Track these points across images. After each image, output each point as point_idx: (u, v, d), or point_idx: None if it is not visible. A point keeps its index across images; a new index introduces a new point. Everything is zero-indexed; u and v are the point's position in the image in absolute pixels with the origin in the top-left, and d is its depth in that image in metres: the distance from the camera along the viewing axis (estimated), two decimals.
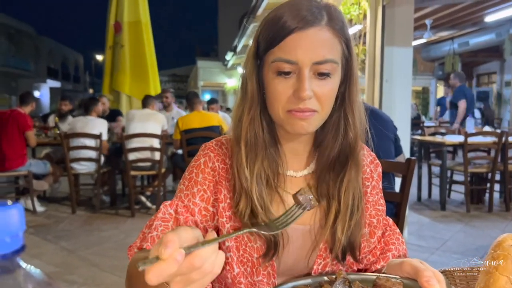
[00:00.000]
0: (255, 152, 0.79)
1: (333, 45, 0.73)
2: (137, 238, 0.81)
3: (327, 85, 0.73)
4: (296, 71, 0.72)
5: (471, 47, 10.90)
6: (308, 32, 0.71)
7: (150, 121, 4.75)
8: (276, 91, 0.73)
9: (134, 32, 6.02)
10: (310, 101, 0.72)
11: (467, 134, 4.58)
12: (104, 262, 3.30)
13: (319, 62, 0.71)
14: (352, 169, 0.81)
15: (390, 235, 0.90)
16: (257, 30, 0.77)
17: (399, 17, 3.75)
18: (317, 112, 0.74)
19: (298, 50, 0.71)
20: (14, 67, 25.30)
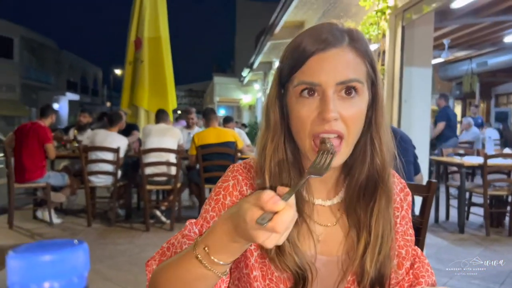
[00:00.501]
0: (280, 182, 0.75)
1: (356, 65, 0.72)
2: (155, 253, 0.80)
3: (353, 106, 0.71)
4: (320, 92, 0.70)
5: (489, 67, 10.78)
6: (330, 53, 0.70)
7: (167, 136, 4.80)
8: (300, 114, 0.71)
9: (154, 47, 6.13)
10: (336, 122, 0.69)
11: (487, 156, 4.50)
12: (118, 276, 3.30)
13: (343, 82, 0.69)
14: (382, 198, 0.78)
15: (420, 267, 0.87)
16: (281, 58, 0.77)
17: (418, 38, 3.75)
18: (343, 140, 0.71)
19: (320, 72, 0.69)
20: (35, 80, 25.98)
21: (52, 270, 0.26)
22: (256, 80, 15.74)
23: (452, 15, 5.32)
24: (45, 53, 27.48)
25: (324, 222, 0.82)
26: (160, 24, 6.18)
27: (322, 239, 0.81)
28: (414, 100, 3.77)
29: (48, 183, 4.68)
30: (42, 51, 27.17)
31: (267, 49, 10.18)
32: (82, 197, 5.06)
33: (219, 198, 0.81)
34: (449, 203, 5.28)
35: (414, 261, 0.87)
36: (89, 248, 1.15)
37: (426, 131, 3.90)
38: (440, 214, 5.24)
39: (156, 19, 6.18)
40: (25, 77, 24.66)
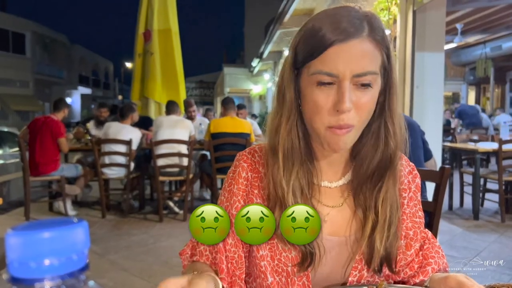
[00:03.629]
0: (292, 163, 0.78)
1: (374, 56, 0.73)
2: (185, 246, 0.87)
3: (366, 95, 0.73)
4: (336, 82, 0.71)
5: (504, 51, 10.56)
6: (349, 44, 0.70)
7: (178, 127, 4.82)
8: (316, 102, 0.73)
9: (164, 39, 6.14)
10: (349, 114, 0.72)
11: (502, 141, 4.43)
12: (134, 266, 3.35)
13: (360, 74, 0.71)
14: (390, 180, 0.79)
15: (429, 248, 0.87)
16: (295, 39, 0.76)
17: (430, 22, 3.69)
18: (353, 127, 0.74)
19: (339, 63, 0.70)
20: (47, 75, 26.24)
21: (51, 247, 0.26)
22: (266, 70, 15.66)
23: None
24: (56, 47, 27.69)
25: (330, 203, 0.84)
26: (169, 16, 6.18)
27: (329, 219, 0.82)
28: (426, 86, 3.71)
29: (63, 176, 4.75)
30: (54, 46, 27.39)
31: (276, 38, 10.10)
32: (96, 189, 5.13)
33: (231, 188, 0.85)
34: (463, 190, 5.22)
35: (424, 242, 0.88)
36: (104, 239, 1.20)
37: (439, 117, 3.84)
38: (454, 201, 5.19)
39: (166, 11, 6.17)
40: (37, 72, 24.92)
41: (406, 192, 0.87)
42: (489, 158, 6.71)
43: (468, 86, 15.29)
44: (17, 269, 0.26)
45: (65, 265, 0.27)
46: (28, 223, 0.28)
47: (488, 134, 6.38)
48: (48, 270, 0.27)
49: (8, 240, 0.25)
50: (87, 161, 5.41)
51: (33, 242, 0.26)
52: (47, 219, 0.30)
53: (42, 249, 0.26)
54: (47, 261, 0.26)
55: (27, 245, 0.26)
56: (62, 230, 0.27)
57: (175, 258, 3.46)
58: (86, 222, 0.29)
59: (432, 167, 2.39)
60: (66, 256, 0.27)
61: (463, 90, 15.47)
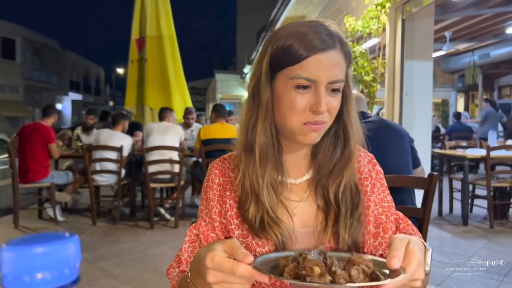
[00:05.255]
0: (266, 159, 0.85)
1: (343, 66, 0.82)
2: (172, 262, 0.92)
3: (336, 100, 0.83)
4: (313, 87, 0.79)
5: (492, 59, 10.72)
6: (328, 54, 0.79)
7: (169, 134, 4.81)
8: (294, 103, 0.80)
9: (156, 46, 6.12)
10: (324, 114, 0.81)
11: (490, 148, 4.49)
12: (124, 274, 3.33)
13: (333, 81, 0.80)
14: (348, 173, 0.88)
15: (405, 226, 0.92)
16: (270, 47, 0.83)
17: (419, 31, 3.74)
18: (325, 124, 0.83)
19: (318, 70, 0.78)
20: (38, 81, 26.01)
21: (44, 261, 0.27)
22: None
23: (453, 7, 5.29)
24: (47, 53, 27.49)
25: (297, 198, 0.91)
26: (163, 22, 6.16)
27: (297, 212, 0.89)
28: (416, 93, 3.76)
29: (53, 182, 4.71)
30: (45, 51, 27.19)
31: None
32: (87, 196, 5.09)
33: (207, 196, 0.92)
34: (453, 196, 5.28)
35: (398, 223, 0.93)
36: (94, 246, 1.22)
37: (428, 124, 3.89)
38: (443, 207, 5.24)
39: (158, 17, 6.16)
40: (28, 78, 24.70)
41: (368, 180, 0.94)
42: (477, 164, 6.80)
43: (457, 93, 15.47)
44: (11, 283, 0.27)
45: (57, 279, 0.28)
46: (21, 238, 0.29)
47: (477, 141, 6.46)
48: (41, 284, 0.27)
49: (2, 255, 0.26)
50: (77, 167, 5.38)
51: (26, 257, 0.27)
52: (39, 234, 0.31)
53: (35, 263, 0.27)
54: (40, 275, 0.27)
55: (20, 260, 0.27)
56: (55, 245, 0.28)
57: (166, 265, 3.43)
58: (77, 237, 0.30)
59: (420, 175, 2.42)
60: (58, 270, 0.28)
61: (452, 97, 15.65)
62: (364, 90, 4.36)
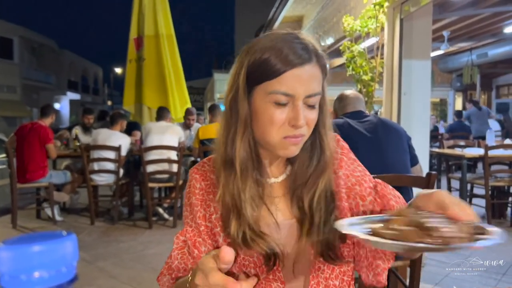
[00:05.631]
0: (247, 173, 0.85)
1: (319, 79, 0.83)
2: (163, 269, 0.93)
3: (314, 113, 0.83)
4: (291, 102, 0.80)
5: (490, 58, 10.75)
6: (304, 68, 0.79)
7: (167, 134, 4.81)
8: (272, 118, 0.80)
9: (154, 45, 6.11)
10: (303, 127, 0.81)
11: (488, 147, 4.50)
12: (122, 273, 3.33)
13: (310, 95, 0.80)
14: (323, 182, 0.88)
15: (383, 188, 0.92)
16: (247, 59, 0.82)
17: (417, 30, 3.74)
18: (304, 136, 0.84)
19: (296, 85, 0.79)
20: (36, 80, 25.96)
21: (41, 260, 0.27)
22: None
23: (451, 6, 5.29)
24: (45, 53, 27.44)
25: (279, 193, 0.93)
26: (161, 21, 6.15)
27: (280, 206, 0.91)
28: (414, 92, 3.76)
29: (51, 182, 4.70)
30: (42, 51, 27.14)
31: None
32: (85, 196, 5.09)
33: (190, 201, 0.93)
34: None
35: (375, 186, 0.93)
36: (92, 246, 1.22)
37: (426, 123, 3.89)
38: None
39: (156, 16, 6.15)
40: (25, 78, 24.65)
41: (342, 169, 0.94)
42: (476, 163, 6.82)
43: (455, 93, 15.51)
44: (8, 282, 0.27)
45: (55, 278, 0.28)
46: (18, 237, 0.29)
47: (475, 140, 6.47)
48: (38, 283, 0.27)
49: None
50: (76, 167, 5.37)
51: (23, 256, 0.27)
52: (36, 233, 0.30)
53: (33, 262, 0.27)
54: (37, 274, 0.27)
55: (18, 258, 0.27)
56: (52, 243, 0.28)
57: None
58: (74, 235, 0.30)
59: (418, 173, 2.42)
60: (55, 269, 0.28)
61: (450, 97, 15.69)
62: (362, 89, 4.37)
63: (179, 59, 6.31)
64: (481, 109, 8.87)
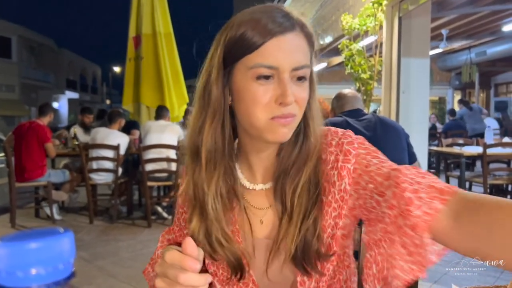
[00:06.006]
0: (214, 165, 0.76)
1: (306, 51, 0.73)
2: (148, 265, 0.91)
3: (303, 89, 0.73)
4: (276, 76, 0.70)
5: (488, 56, 10.76)
6: (286, 37, 0.70)
7: (166, 132, 4.80)
8: (255, 97, 0.70)
9: (152, 44, 6.09)
10: (292, 106, 0.71)
11: (486, 145, 4.51)
12: (121, 272, 3.33)
13: (297, 67, 0.70)
14: (307, 172, 0.76)
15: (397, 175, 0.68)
16: (223, 36, 0.73)
17: (415, 28, 3.74)
18: (296, 116, 0.73)
19: (278, 55, 0.69)
20: (34, 79, 25.95)
21: (38, 257, 0.27)
22: None
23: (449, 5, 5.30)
24: (43, 52, 27.41)
25: (265, 204, 0.82)
26: (159, 20, 6.14)
27: (265, 221, 0.81)
28: (412, 91, 3.76)
29: (49, 181, 4.70)
30: (41, 50, 27.11)
31: None
32: (84, 195, 5.08)
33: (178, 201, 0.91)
34: None
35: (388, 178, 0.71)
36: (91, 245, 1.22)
37: (425, 121, 3.90)
38: None
39: (154, 15, 6.14)
40: (24, 77, 24.63)
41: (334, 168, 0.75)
42: (474, 162, 6.82)
43: (454, 91, 15.52)
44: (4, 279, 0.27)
45: (52, 274, 0.28)
46: (15, 234, 0.29)
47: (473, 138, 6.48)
48: (35, 279, 0.27)
49: None
50: (74, 166, 5.37)
51: (20, 253, 0.27)
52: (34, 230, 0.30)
53: (29, 259, 0.27)
54: (34, 271, 0.27)
55: (14, 255, 0.27)
56: (49, 240, 0.28)
57: None
58: (72, 232, 0.30)
59: None
60: (52, 266, 0.28)
61: (449, 95, 15.71)
62: (361, 88, 4.37)
63: (177, 58, 6.29)
64: (472, 108, 8.89)
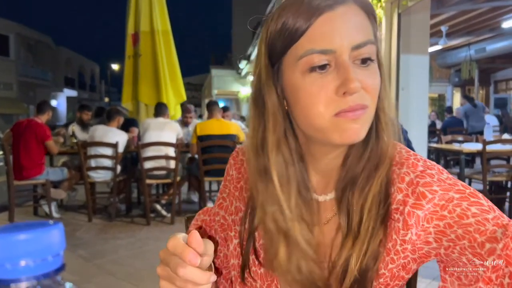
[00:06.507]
0: (288, 183, 0.63)
1: (366, 24, 0.60)
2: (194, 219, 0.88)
3: (371, 73, 0.59)
4: (333, 62, 0.57)
5: (488, 53, 10.77)
6: (337, 11, 0.57)
7: (165, 130, 4.79)
8: (312, 91, 0.58)
9: (150, 41, 6.08)
10: (359, 95, 0.57)
11: (486, 142, 4.50)
12: (120, 270, 3.32)
13: (359, 45, 0.57)
14: (379, 179, 0.63)
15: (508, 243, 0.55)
16: (265, 30, 0.63)
17: (415, 25, 3.73)
18: (368, 107, 0.59)
19: (332, 34, 0.56)
20: (32, 77, 25.91)
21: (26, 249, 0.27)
22: None
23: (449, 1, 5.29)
24: (41, 49, 27.37)
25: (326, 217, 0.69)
26: (157, 17, 6.13)
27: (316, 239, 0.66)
28: (412, 88, 3.76)
29: (48, 179, 4.68)
30: (39, 47, 27.06)
31: None
32: (82, 193, 5.07)
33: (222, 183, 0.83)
34: None
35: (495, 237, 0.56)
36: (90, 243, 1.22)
37: (424, 118, 3.90)
38: None
39: (152, 12, 6.13)
40: (22, 75, 24.60)
41: (398, 212, 0.62)
42: (474, 158, 6.82)
43: (453, 88, 15.53)
44: None
45: (41, 266, 0.28)
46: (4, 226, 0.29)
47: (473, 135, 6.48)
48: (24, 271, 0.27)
49: None
50: (73, 164, 5.35)
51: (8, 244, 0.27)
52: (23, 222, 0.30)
53: (18, 250, 0.27)
54: (23, 263, 0.27)
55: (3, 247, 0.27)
56: (38, 232, 0.27)
57: None
58: (61, 224, 0.29)
59: None
60: (41, 258, 0.27)
61: (449, 92, 15.71)
62: None
63: (175, 55, 6.28)
64: (476, 105, 8.80)
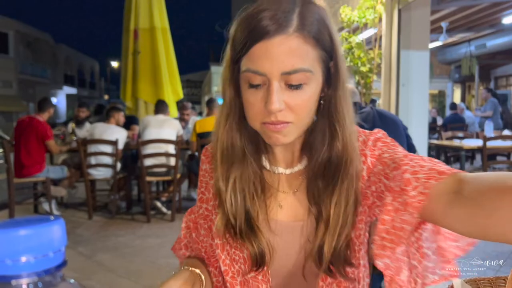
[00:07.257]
0: (231, 162, 0.77)
1: (304, 53, 0.66)
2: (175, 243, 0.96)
3: (300, 95, 0.67)
4: (266, 82, 0.67)
5: (488, 49, 10.74)
6: (274, 41, 0.64)
7: (165, 127, 4.78)
8: (248, 102, 0.70)
9: (149, 38, 6.07)
10: (282, 113, 0.67)
11: (486, 138, 4.50)
12: (121, 267, 3.32)
13: (288, 72, 0.65)
14: (344, 183, 0.72)
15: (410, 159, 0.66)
16: (232, 29, 0.71)
17: (415, 21, 3.72)
18: (292, 123, 0.69)
19: (264, 61, 0.65)
20: (32, 75, 25.86)
21: (27, 245, 0.27)
22: None
23: None
24: (41, 47, 27.29)
25: (285, 189, 0.81)
26: (156, 14, 6.11)
27: (285, 205, 0.80)
28: (412, 84, 3.75)
29: (48, 177, 4.68)
30: (38, 45, 26.99)
31: None
32: (83, 190, 5.07)
33: None
34: None
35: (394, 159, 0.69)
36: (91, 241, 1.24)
37: (425, 114, 3.89)
38: None
39: (151, 9, 6.11)
40: (21, 72, 24.55)
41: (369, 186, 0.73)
42: (474, 155, 6.82)
43: (453, 84, 15.51)
44: None
45: (42, 262, 0.27)
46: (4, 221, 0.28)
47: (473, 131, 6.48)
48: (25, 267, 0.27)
49: None
50: (73, 162, 5.35)
51: (9, 240, 0.26)
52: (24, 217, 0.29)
53: (18, 246, 0.27)
54: (24, 258, 0.27)
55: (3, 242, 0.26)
56: (38, 228, 0.27)
57: (163, 258, 3.44)
58: (62, 220, 0.29)
59: None
60: (42, 254, 0.27)
61: (449, 88, 15.70)
62: (360, 81, 4.35)
63: (173, 53, 6.28)
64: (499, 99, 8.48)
